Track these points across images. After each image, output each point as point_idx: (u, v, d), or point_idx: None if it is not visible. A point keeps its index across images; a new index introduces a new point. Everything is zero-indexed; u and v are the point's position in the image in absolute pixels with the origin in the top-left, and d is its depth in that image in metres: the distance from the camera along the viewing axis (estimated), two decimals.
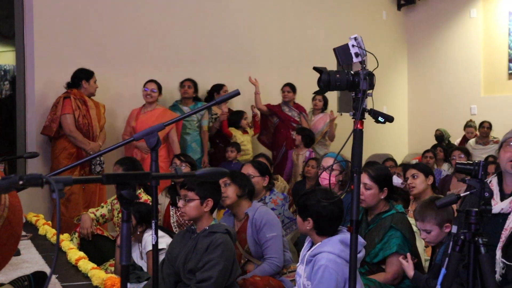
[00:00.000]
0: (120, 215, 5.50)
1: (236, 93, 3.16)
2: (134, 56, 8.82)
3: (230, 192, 5.16)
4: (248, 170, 6.08)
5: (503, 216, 3.99)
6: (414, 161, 9.33)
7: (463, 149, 9.30)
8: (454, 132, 12.67)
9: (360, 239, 4.01)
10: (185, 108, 8.71)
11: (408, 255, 4.42)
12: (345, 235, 3.99)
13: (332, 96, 11.19)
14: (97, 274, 4.35)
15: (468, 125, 12.21)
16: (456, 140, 12.36)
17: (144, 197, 6.08)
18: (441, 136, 12.39)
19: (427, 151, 10.25)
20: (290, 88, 9.88)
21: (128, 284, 5.17)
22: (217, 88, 9.31)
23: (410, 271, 4.34)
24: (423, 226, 4.55)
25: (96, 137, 7.30)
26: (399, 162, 9.91)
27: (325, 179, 5.72)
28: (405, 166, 7.77)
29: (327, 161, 6.07)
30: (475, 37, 13.62)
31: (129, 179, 2.28)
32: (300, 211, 4.18)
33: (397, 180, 7.07)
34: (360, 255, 4.03)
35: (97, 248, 6.02)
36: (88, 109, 7.51)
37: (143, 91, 8.16)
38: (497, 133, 11.96)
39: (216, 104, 6.94)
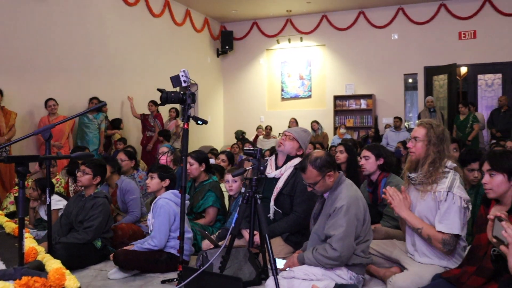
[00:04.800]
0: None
1: (104, 104, 2.98)
2: (42, 74, 7.99)
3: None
4: (121, 156, 5.84)
5: (276, 180, 4.07)
6: (227, 150, 9.37)
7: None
8: (250, 132, 12.90)
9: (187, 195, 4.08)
10: (91, 116, 8.34)
11: None
12: (175, 191, 4.08)
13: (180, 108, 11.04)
14: (9, 224, 4.06)
15: (258, 127, 12.48)
16: (252, 137, 12.56)
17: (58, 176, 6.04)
18: (239, 134, 12.62)
19: (234, 144, 10.36)
20: (152, 103, 9.65)
21: (36, 231, 4.84)
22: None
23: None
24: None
25: (3, 134, 6.71)
26: (219, 150, 9.92)
27: (162, 159, 5.69)
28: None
29: (163, 149, 6.19)
30: (262, 75, 13.85)
31: (23, 160, 2.13)
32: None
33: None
34: (187, 202, 4.16)
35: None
36: None
37: (48, 107, 7.58)
38: (276, 132, 12.37)
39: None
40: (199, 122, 3.42)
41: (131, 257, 3.83)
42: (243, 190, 3.31)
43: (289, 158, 4.15)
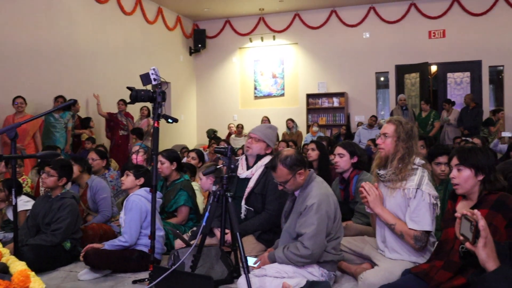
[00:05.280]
0: None
1: (73, 102, 2.91)
2: (11, 73, 7.83)
3: (74, 169, 4.85)
4: (92, 155, 5.76)
5: (248, 180, 4.07)
6: (200, 149, 9.28)
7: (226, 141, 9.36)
8: (224, 131, 12.85)
9: (158, 193, 4.01)
10: (57, 115, 8.15)
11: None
12: (148, 188, 4.01)
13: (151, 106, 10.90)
14: None
15: (230, 125, 12.44)
16: (225, 135, 12.53)
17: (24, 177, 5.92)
18: (211, 133, 12.54)
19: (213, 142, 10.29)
20: (123, 102, 9.51)
21: (4, 233, 4.72)
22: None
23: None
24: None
25: None
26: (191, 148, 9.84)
27: (134, 158, 5.63)
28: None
29: (135, 148, 6.14)
30: (235, 74, 13.83)
31: None
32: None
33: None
34: (159, 200, 4.12)
35: None
36: None
37: (14, 105, 7.41)
38: (248, 131, 12.31)
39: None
40: (170, 120, 3.38)
41: (102, 256, 3.78)
42: (214, 188, 3.28)
43: (259, 157, 4.16)
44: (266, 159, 4.12)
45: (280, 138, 11.60)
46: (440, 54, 11.97)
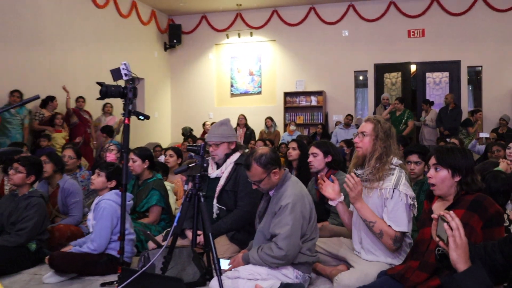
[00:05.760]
0: None
1: (36, 97, 2.82)
2: None
3: (48, 167, 4.83)
4: (69, 153, 5.65)
5: (218, 179, 4.05)
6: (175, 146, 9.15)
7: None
8: (199, 129, 12.77)
9: (129, 194, 3.97)
10: (13, 111, 7.99)
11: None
12: (118, 191, 3.93)
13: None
14: None
15: (206, 124, 12.34)
16: (200, 133, 12.44)
17: None
18: (188, 131, 12.45)
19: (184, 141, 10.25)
20: (83, 99, 9.42)
21: None
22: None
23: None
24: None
25: None
26: (164, 147, 9.76)
27: (108, 157, 5.56)
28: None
29: (109, 146, 6.21)
30: (211, 70, 13.76)
31: None
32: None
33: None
34: (130, 203, 4.03)
35: None
36: None
37: None
38: None
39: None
40: (141, 117, 3.35)
41: (68, 260, 3.70)
42: (186, 187, 3.25)
43: (227, 155, 4.13)
44: (235, 156, 4.12)
45: (258, 137, 11.61)
46: (419, 54, 12.12)
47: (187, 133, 12.23)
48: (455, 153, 2.72)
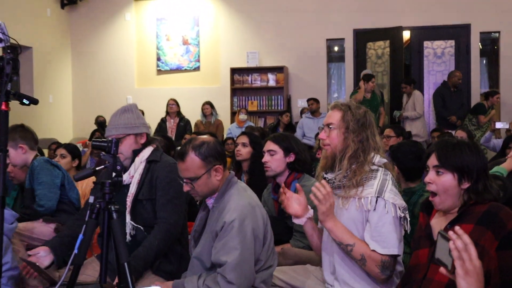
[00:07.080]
0: None
1: None
2: None
3: None
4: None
5: (127, 187, 3.96)
6: (79, 145, 9.04)
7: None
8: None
9: (11, 213, 3.88)
10: None
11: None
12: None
13: None
14: None
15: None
16: None
17: None
18: (102, 122, 12.26)
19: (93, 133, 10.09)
20: None
21: None
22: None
23: None
24: None
25: None
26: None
27: None
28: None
29: None
30: (129, 37, 13.71)
31: None
32: None
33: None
34: (12, 226, 3.94)
35: None
36: None
37: None
38: (149, 119, 12.20)
39: None
40: (25, 101, 3.28)
41: None
42: (91, 200, 3.20)
43: (135, 153, 4.05)
44: (146, 152, 4.01)
45: (193, 130, 11.54)
46: (415, 16, 12.27)
47: (103, 124, 12.00)
48: (463, 150, 2.70)
